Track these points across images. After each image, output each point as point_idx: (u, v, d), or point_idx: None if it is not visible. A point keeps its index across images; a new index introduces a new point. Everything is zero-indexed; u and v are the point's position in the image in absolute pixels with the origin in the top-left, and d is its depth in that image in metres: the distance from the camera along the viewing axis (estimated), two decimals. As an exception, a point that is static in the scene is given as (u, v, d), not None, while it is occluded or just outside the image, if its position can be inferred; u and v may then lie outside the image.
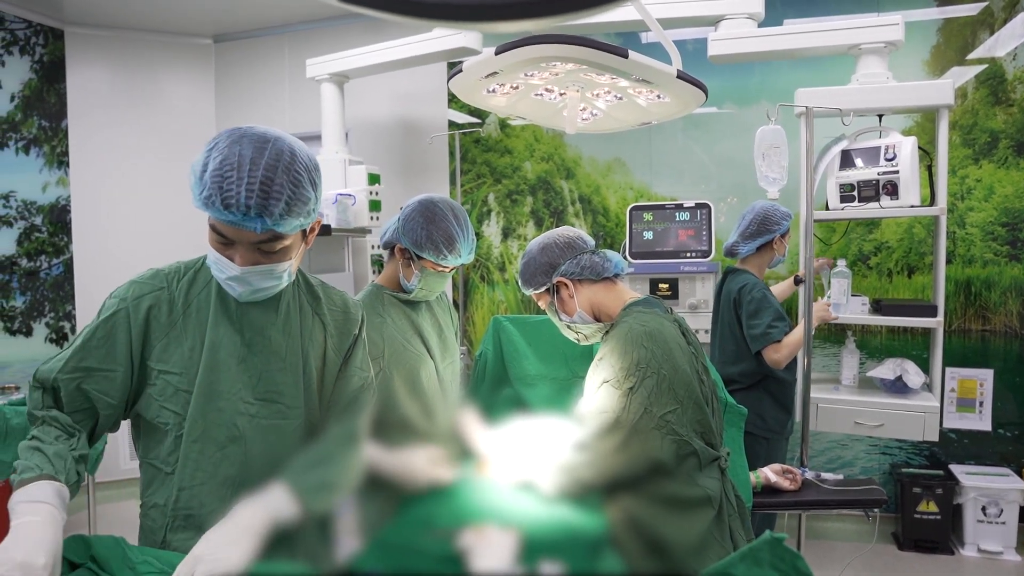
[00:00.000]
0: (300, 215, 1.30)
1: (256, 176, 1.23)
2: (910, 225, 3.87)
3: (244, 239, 1.29)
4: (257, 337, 1.40)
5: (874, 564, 3.63)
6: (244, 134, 1.27)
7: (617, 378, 1.63)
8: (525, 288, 1.94)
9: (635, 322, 1.74)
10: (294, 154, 1.29)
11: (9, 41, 4.37)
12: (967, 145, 3.76)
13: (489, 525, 1.50)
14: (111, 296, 1.39)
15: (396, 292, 2.00)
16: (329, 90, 4.21)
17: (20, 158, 4.43)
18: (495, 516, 1.56)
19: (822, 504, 2.37)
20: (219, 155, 1.24)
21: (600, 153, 4.44)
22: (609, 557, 1.39)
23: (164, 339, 1.36)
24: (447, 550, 1.43)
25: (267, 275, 1.34)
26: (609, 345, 1.71)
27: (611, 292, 1.89)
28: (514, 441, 1.93)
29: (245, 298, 1.37)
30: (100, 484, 3.54)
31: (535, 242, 1.93)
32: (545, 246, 1.90)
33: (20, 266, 4.42)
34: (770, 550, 0.83)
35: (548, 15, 0.60)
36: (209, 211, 1.26)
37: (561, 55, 1.62)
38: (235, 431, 1.35)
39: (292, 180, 1.27)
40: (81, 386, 1.32)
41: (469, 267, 4.67)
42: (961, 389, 3.72)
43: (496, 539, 1.43)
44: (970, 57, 3.75)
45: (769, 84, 4.02)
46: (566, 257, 1.87)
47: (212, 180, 1.23)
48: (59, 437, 1.28)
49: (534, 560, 1.32)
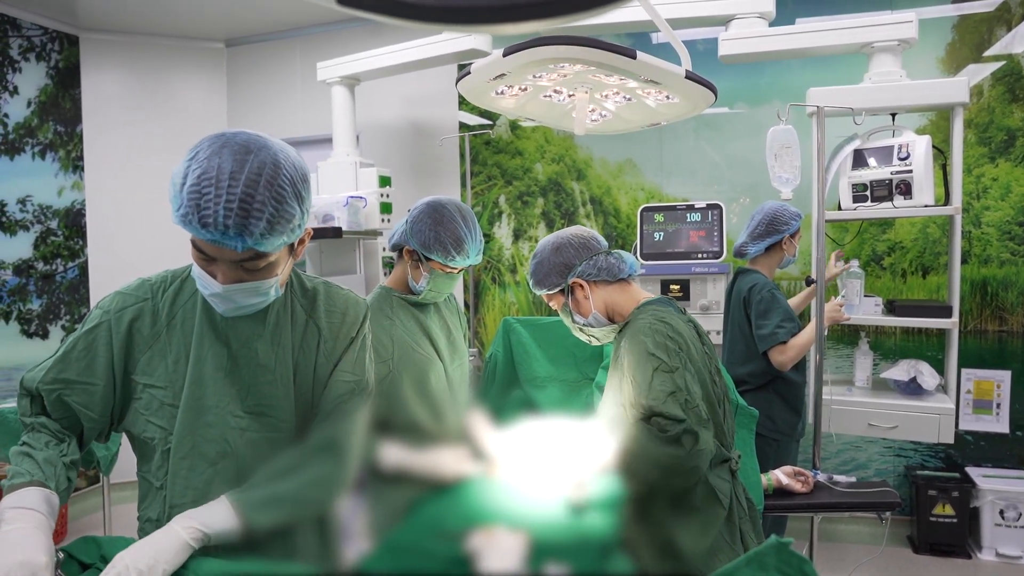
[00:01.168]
0: (283, 233, 1.21)
1: (235, 192, 1.14)
2: (925, 225, 3.83)
3: (225, 257, 1.22)
4: (243, 350, 1.34)
5: (889, 568, 3.59)
6: (226, 143, 1.20)
7: (664, 362, 1.63)
8: (537, 288, 1.93)
9: (653, 318, 1.75)
10: (278, 166, 1.21)
11: (26, 48, 4.42)
12: (983, 144, 3.72)
13: (498, 527, 1.50)
14: (97, 306, 1.36)
15: (405, 294, 2.00)
16: (340, 93, 4.23)
17: (36, 163, 4.47)
18: (504, 518, 1.56)
19: (834, 507, 2.35)
20: (198, 167, 1.17)
21: (611, 154, 4.43)
22: (618, 561, 1.39)
23: (148, 352, 1.32)
24: (456, 552, 1.43)
25: (252, 292, 1.27)
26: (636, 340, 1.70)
27: (625, 292, 1.89)
28: (527, 444, 1.93)
29: (230, 314, 1.32)
30: (115, 485, 3.56)
31: (547, 242, 1.91)
32: (559, 246, 1.88)
33: (36, 269, 4.46)
34: (776, 555, 0.82)
35: (552, 16, 0.59)
36: (187, 229, 1.18)
37: (569, 56, 1.61)
38: (226, 447, 1.31)
39: (275, 196, 1.18)
40: (62, 398, 1.29)
41: (480, 269, 4.68)
42: (978, 391, 3.67)
43: (505, 541, 1.43)
44: (986, 54, 3.71)
45: (781, 84, 4.00)
46: (581, 258, 1.86)
47: (189, 196, 1.15)
48: (49, 443, 1.27)
49: (543, 563, 1.32)
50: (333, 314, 1.44)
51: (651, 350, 1.66)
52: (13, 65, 4.35)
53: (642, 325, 1.75)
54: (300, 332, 1.40)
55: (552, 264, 1.87)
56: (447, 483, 1.66)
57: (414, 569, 1.41)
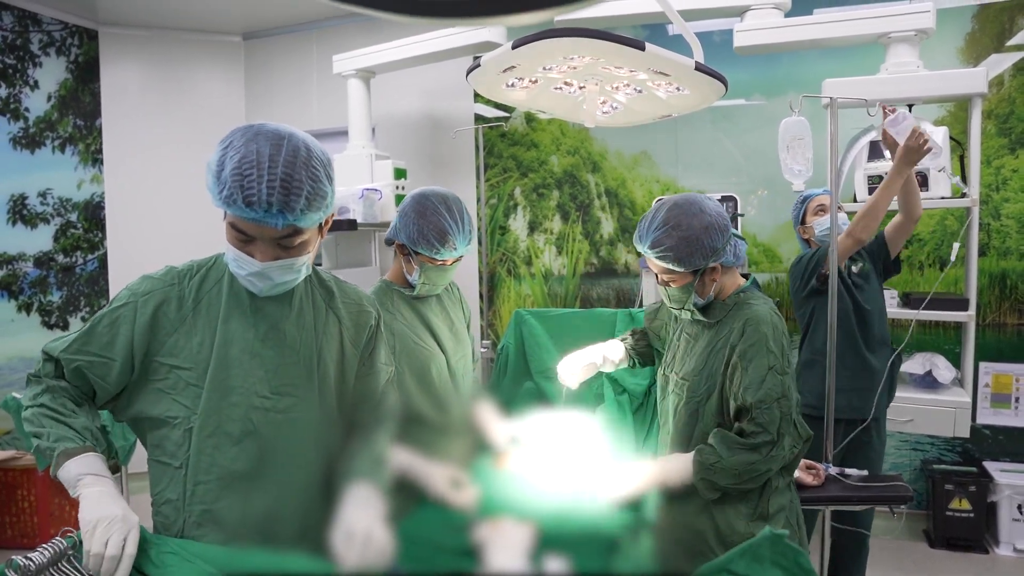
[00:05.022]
0: (319, 209, 1.32)
1: (276, 173, 1.24)
2: (942, 217, 3.79)
3: (265, 235, 1.30)
4: (272, 331, 1.41)
5: (905, 563, 3.57)
6: (258, 131, 1.29)
7: (780, 364, 1.70)
8: (674, 264, 1.76)
9: (766, 307, 1.80)
10: (310, 150, 1.31)
11: (46, 42, 4.47)
12: (1003, 135, 3.67)
13: (505, 519, 1.51)
14: (125, 287, 1.42)
15: (404, 287, 1.97)
16: (356, 86, 4.25)
17: (56, 156, 4.53)
18: (512, 510, 1.57)
19: (845, 500, 2.33)
20: (236, 153, 1.25)
21: (626, 146, 4.41)
22: (622, 556, 1.39)
23: (174, 335, 1.37)
24: (463, 543, 1.44)
25: (287, 269, 1.35)
26: (758, 330, 1.73)
27: (733, 275, 1.91)
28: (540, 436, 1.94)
29: (265, 293, 1.38)
30: (133, 475, 3.61)
31: (690, 215, 1.75)
32: (709, 226, 1.75)
33: (57, 262, 4.53)
34: (771, 546, 0.82)
35: (555, 5, 0.59)
36: (230, 209, 1.27)
37: (578, 49, 1.62)
38: (249, 425, 1.36)
39: (311, 175, 1.28)
40: (80, 368, 1.36)
41: (495, 261, 4.68)
42: (996, 384, 3.64)
43: (512, 533, 1.44)
44: (1008, 44, 3.65)
45: (799, 75, 3.96)
46: (725, 241, 1.79)
47: (232, 178, 1.24)
48: (74, 410, 1.34)
49: (548, 555, 1.33)
50: (349, 304, 1.54)
51: (771, 347, 1.71)
52: (33, 60, 4.41)
53: (763, 314, 1.76)
54: (322, 318, 1.48)
55: (702, 245, 1.74)
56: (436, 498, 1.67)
57: (422, 560, 1.43)
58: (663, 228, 1.76)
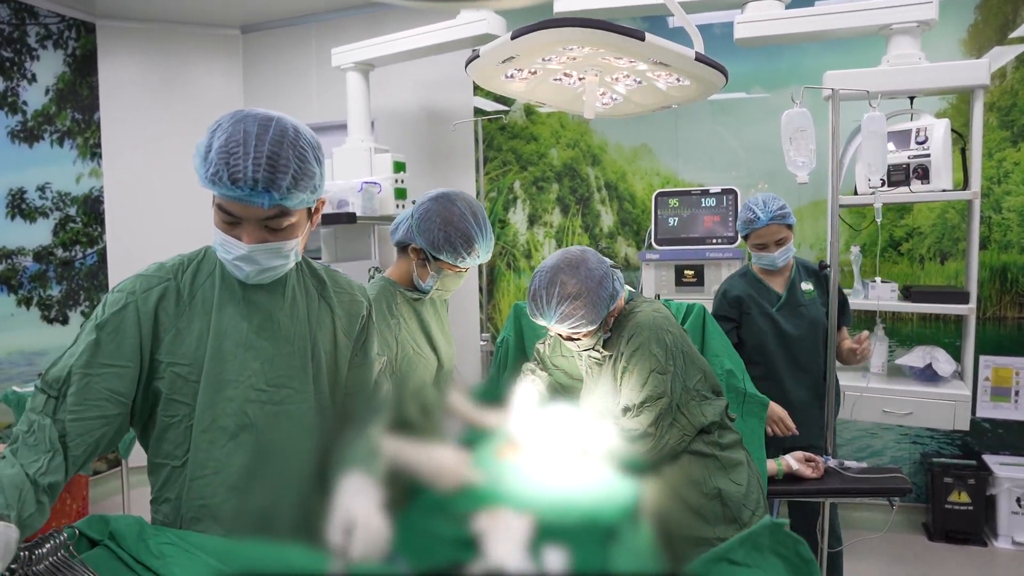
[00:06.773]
0: (306, 189, 1.30)
1: (262, 151, 1.23)
2: (943, 210, 3.78)
3: (251, 215, 1.28)
4: (266, 322, 1.39)
5: (903, 555, 3.57)
6: (247, 115, 1.28)
7: (661, 365, 1.76)
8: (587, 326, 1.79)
9: (650, 309, 1.86)
10: (298, 131, 1.30)
11: (43, 36, 4.45)
12: (1005, 127, 3.66)
13: (504, 509, 1.51)
14: (115, 291, 1.35)
15: (408, 289, 1.92)
16: (355, 79, 4.23)
17: (55, 150, 4.52)
18: (510, 500, 1.57)
19: (843, 492, 2.33)
20: (223, 134, 1.25)
21: (626, 139, 4.40)
22: (621, 546, 1.39)
23: (172, 330, 1.34)
24: (462, 533, 1.44)
25: (275, 254, 1.33)
26: (641, 336, 1.80)
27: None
28: (537, 427, 1.93)
29: (252, 278, 1.35)
30: (134, 469, 3.61)
31: (580, 278, 1.77)
32: (602, 277, 1.79)
33: (56, 256, 4.51)
34: (770, 535, 0.81)
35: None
36: (216, 188, 1.25)
37: (577, 39, 1.61)
38: (245, 419, 1.34)
39: (297, 155, 1.27)
40: (92, 384, 1.26)
41: (495, 254, 4.67)
42: (996, 378, 3.63)
43: (510, 523, 1.44)
44: (1012, 36, 3.64)
45: (799, 67, 3.94)
46: (613, 279, 1.82)
47: (218, 156, 1.23)
48: (33, 460, 1.18)
49: (546, 545, 1.32)
50: (341, 294, 1.53)
51: (653, 350, 1.77)
52: (31, 53, 4.39)
53: (643, 320, 1.82)
54: (315, 308, 1.47)
55: (602, 298, 1.77)
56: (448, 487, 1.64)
57: (420, 551, 1.42)
58: (565, 301, 1.76)
